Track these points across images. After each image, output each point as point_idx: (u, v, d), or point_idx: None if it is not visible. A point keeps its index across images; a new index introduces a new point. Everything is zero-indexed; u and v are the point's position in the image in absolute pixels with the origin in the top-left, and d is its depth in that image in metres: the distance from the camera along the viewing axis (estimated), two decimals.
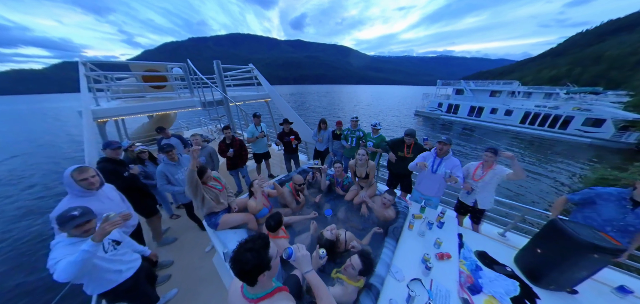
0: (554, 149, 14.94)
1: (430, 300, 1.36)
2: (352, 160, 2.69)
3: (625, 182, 6.52)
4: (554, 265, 1.45)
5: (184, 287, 2.18)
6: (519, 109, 19.21)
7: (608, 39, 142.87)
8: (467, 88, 24.88)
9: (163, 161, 2.46)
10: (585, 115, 15.73)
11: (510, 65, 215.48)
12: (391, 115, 30.14)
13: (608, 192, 1.64)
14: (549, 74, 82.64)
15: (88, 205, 1.31)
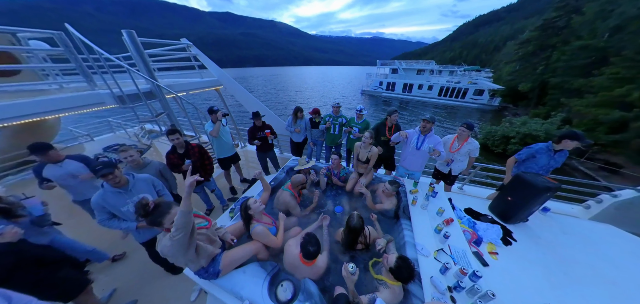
0: (458, 114, 20.09)
1: (455, 263, 1.54)
2: (358, 142, 2.64)
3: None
4: (520, 206, 1.94)
5: None
6: (436, 84, 24.34)
7: (480, 30, 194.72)
8: (400, 67, 29.01)
9: (103, 189, 1.59)
10: (474, 87, 21.72)
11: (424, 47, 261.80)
12: (341, 96, 31.90)
13: (540, 147, 2.24)
14: (449, 55, 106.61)
15: None
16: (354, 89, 38.58)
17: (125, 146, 2.04)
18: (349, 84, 49.53)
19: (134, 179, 1.67)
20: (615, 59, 11.72)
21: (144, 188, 1.70)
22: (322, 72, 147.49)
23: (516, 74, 20.75)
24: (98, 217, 1.61)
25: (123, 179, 1.60)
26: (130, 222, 1.67)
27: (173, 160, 2.35)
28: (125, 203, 1.63)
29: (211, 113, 2.96)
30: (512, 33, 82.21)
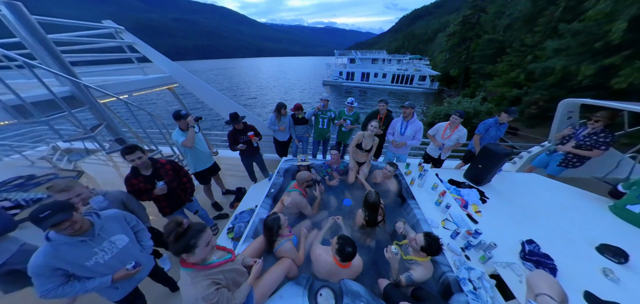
0: (409, 98, 23.12)
1: (459, 227, 1.84)
2: (361, 132, 2.72)
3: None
4: (488, 171, 2.43)
5: None
6: (389, 72, 27.10)
7: (416, 22, 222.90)
8: (357, 57, 30.80)
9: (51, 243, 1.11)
10: (418, 73, 25.24)
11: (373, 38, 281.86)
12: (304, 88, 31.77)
13: (490, 122, 2.97)
14: (394, 46, 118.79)
15: None
16: (315, 80, 38.93)
17: (56, 183, 1.35)
18: (309, 75, 49.47)
19: (101, 219, 1.25)
20: (509, 50, 15.72)
21: (116, 229, 1.31)
22: (278, 64, 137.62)
23: (447, 62, 25.18)
24: (43, 288, 1.09)
25: (85, 223, 1.17)
26: (102, 277, 1.24)
27: (138, 185, 1.82)
28: (92, 254, 1.20)
29: (179, 119, 2.30)
30: (439, 26, 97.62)
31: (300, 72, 60.49)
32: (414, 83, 26.04)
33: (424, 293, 1.33)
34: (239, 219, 2.30)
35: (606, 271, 1.46)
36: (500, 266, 1.49)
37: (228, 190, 3.39)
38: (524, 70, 12.37)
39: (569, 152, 2.68)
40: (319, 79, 37.86)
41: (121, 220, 1.37)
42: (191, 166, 2.65)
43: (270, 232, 1.46)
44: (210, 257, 1.07)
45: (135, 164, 1.77)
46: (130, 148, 1.73)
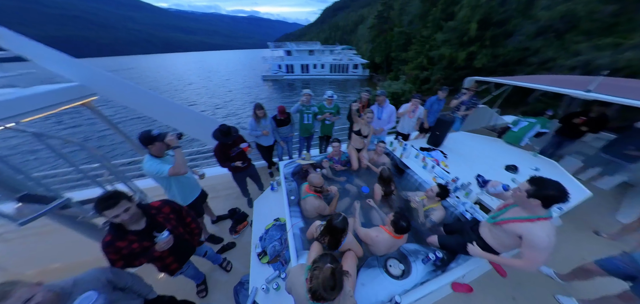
0: (347, 85, 25.62)
1: (445, 179, 2.46)
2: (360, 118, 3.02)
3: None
4: (443, 135, 3.19)
5: None
6: (327, 63, 28.74)
7: (338, 14, 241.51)
8: (293, 49, 30.71)
9: None
10: (352, 63, 28.16)
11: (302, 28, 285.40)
12: (243, 86, 28.92)
13: (433, 98, 3.61)
14: (323, 36, 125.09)
15: None
16: (253, 76, 35.98)
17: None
18: (243, 72, 44.69)
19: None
20: (414, 40, 20.14)
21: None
22: (198, 60, 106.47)
23: (372, 51, 29.33)
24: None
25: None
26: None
27: (128, 248, 1.33)
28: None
29: (151, 143, 1.78)
30: (358, 19, 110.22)
31: (232, 68, 52.86)
32: (349, 72, 28.98)
33: (451, 227, 1.90)
34: (268, 240, 2.09)
35: (513, 180, 2.52)
36: (480, 194, 2.30)
37: (219, 216, 2.95)
38: (426, 56, 16.32)
39: (463, 115, 4.06)
40: (256, 74, 35.40)
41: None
42: (179, 199, 2.11)
43: (342, 233, 1.47)
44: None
45: (120, 220, 1.24)
46: (110, 199, 1.20)
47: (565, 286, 2.06)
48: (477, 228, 1.61)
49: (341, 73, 29.04)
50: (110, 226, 1.30)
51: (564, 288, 2.06)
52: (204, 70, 51.04)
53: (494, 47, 10.85)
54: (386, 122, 3.55)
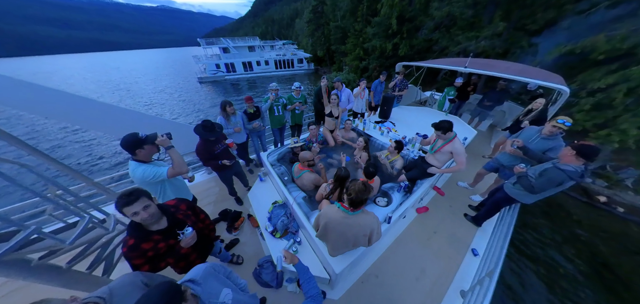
0: (295, 79, 25.89)
1: (401, 139, 3.44)
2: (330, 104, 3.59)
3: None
4: (389, 110, 4.45)
5: None
6: (271, 59, 27.90)
7: (270, 7, 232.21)
8: (231, 46, 28.09)
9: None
10: (296, 57, 28.44)
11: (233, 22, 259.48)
12: (171, 97, 24.28)
13: (376, 82, 5.29)
14: (259, 31, 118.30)
15: None
16: (184, 80, 30.40)
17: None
18: (170, 75, 36.74)
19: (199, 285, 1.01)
20: (349, 34, 22.32)
21: (216, 286, 1.09)
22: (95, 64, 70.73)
23: (313, 45, 30.45)
24: None
25: None
26: None
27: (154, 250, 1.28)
28: None
29: (139, 147, 1.66)
30: (292, 13, 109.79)
31: (152, 74, 40.05)
32: (295, 67, 29.27)
33: (409, 166, 2.78)
34: (274, 218, 2.35)
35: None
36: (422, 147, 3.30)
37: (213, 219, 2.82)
38: (362, 48, 18.55)
39: (398, 94, 5.34)
40: (189, 77, 30.55)
41: (213, 271, 1.14)
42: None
43: (347, 179, 1.98)
44: None
45: (139, 219, 1.20)
46: (130, 195, 1.17)
47: (473, 190, 3.33)
48: (425, 160, 2.49)
49: (287, 68, 28.97)
50: (131, 228, 1.26)
51: (472, 191, 3.34)
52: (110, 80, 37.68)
53: (410, 39, 13.68)
54: (346, 103, 4.27)
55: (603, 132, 6.56)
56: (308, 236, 2.09)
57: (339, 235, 1.48)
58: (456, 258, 2.31)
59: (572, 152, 1.76)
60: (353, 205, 1.33)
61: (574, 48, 7.38)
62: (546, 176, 1.85)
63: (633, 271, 3.83)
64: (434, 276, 2.14)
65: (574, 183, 1.77)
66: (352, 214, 1.36)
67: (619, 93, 6.39)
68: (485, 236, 2.51)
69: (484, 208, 2.58)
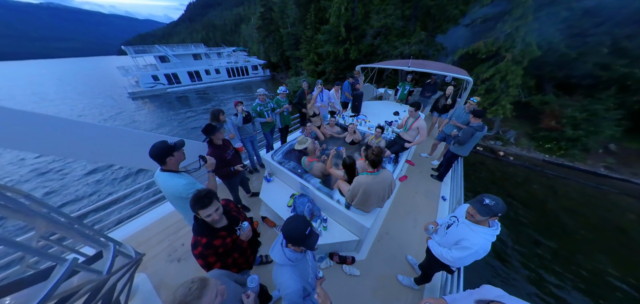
0: (253, 87, 25.06)
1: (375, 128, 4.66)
2: (309, 104, 4.21)
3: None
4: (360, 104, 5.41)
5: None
6: (222, 67, 26.04)
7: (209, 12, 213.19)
8: (170, 54, 24.79)
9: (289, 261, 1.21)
10: (250, 64, 27.52)
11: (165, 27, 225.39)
12: (96, 118, 19.61)
13: (346, 82, 6.14)
14: (199, 37, 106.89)
15: None
16: (108, 97, 24.79)
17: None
18: (84, 92, 28.86)
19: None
20: (302, 40, 23.33)
21: None
22: None
23: (266, 51, 30.12)
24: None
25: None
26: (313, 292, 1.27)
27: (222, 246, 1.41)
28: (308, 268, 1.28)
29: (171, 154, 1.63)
30: (235, 18, 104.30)
31: (54, 91, 30.42)
32: (250, 74, 28.27)
33: (390, 144, 3.64)
34: (299, 207, 2.52)
35: (398, 117, 4.84)
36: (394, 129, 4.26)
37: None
38: (316, 53, 19.79)
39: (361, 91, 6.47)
40: (114, 93, 25.13)
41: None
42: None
43: (355, 164, 2.35)
44: None
45: (211, 219, 1.30)
46: (205, 198, 1.26)
47: (431, 157, 4.52)
48: (401, 137, 3.39)
49: (242, 76, 27.69)
50: (201, 228, 1.35)
51: (431, 158, 4.52)
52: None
53: (357, 45, 15.63)
54: (327, 102, 4.94)
55: (493, 108, 9.49)
56: (332, 211, 2.42)
57: (374, 193, 1.93)
58: (433, 205, 3.28)
59: (472, 116, 2.95)
60: (374, 166, 1.87)
61: (468, 50, 10.33)
62: (464, 131, 3.00)
63: (513, 187, 6.12)
64: (423, 221, 2.98)
65: (480, 133, 2.96)
66: (377, 173, 1.89)
67: (497, 81, 9.41)
68: (448, 186, 3.63)
69: (442, 168, 3.71)
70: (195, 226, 1.38)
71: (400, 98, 6.76)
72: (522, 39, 9.06)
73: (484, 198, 1.28)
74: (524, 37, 9.05)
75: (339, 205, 2.36)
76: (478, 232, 1.34)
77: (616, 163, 8.42)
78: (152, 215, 3.01)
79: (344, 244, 2.33)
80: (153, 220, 2.93)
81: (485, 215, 1.27)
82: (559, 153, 9.05)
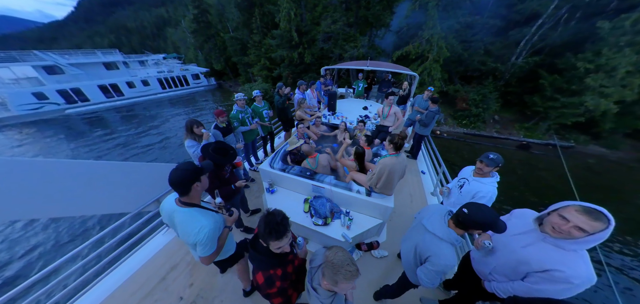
0: (197, 97, 22.00)
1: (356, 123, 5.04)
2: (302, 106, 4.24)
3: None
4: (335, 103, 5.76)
5: None
6: (151, 77, 21.56)
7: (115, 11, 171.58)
8: (64, 63, 18.63)
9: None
10: (190, 73, 24.00)
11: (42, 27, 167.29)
12: None
13: (318, 82, 6.43)
14: (106, 41, 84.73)
15: None
16: None
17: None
18: None
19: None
20: (249, 45, 22.23)
21: None
22: None
23: (207, 57, 26.99)
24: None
25: None
26: None
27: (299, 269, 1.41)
28: None
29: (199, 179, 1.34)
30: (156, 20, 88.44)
31: None
32: (191, 84, 24.59)
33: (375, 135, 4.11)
34: (319, 209, 2.45)
35: (368, 111, 5.49)
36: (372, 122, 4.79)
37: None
38: (268, 58, 19.31)
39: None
40: None
41: None
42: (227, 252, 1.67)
43: (364, 153, 2.59)
44: None
45: (282, 250, 1.10)
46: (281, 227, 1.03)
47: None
48: (383, 125, 3.90)
49: (180, 87, 23.72)
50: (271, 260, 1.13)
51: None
52: None
53: (310, 49, 16.26)
54: (314, 101, 5.14)
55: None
56: (353, 203, 2.47)
57: (396, 173, 2.13)
58: (417, 178, 3.93)
59: (431, 102, 3.81)
60: (397, 149, 2.09)
61: (402, 52, 12.56)
62: (427, 114, 3.85)
63: (451, 155, 7.86)
64: (415, 195, 3.54)
65: (438, 116, 3.83)
66: (397, 155, 2.12)
67: (425, 76, 11.85)
68: (422, 162, 4.43)
69: (414, 148, 4.47)
70: (260, 260, 1.13)
71: (357, 95, 7.56)
72: (436, 43, 11.76)
73: (489, 154, 1.72)
74: (437, 42, 11.78)
75: (360, 195, 2.44)
76: (487, 183, 1.67)
77: (501, 128, 12.16)
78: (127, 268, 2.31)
79: (369, 231, 2.43)
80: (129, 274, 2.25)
81: (492, 166, 1.69)
82: (471, 126, 12.29)
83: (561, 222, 0.99)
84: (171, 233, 2.66)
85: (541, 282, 1.07)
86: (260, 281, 1.09)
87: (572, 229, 0.96)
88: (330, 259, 0.88)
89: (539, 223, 1.13)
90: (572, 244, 0.99)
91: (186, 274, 2.24)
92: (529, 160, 9.95)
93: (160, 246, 2.49)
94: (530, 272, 1.10)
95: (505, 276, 1.25)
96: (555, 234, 1.02)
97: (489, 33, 12.96)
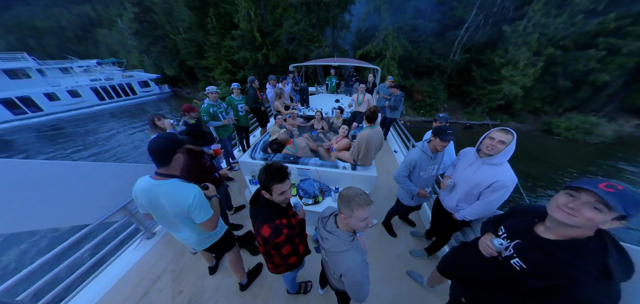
0: (147, 107, 19.22)
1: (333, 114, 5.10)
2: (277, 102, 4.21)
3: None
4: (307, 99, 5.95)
5: None
6: (82, 87, 17.82)
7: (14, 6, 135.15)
8: None
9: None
10: (136, 80, 20.77)
11: None
12: None
13: (297, 78, 6.45)
14: (2, 44, 66.11)
15: None
16: None
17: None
18: None
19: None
20: (206, 47, 20.53)
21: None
22: None
23: (156, 61, 23.83)
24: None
25: None
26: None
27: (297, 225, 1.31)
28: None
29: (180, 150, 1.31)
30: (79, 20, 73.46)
31: None
32: (139, 93, 21.23)
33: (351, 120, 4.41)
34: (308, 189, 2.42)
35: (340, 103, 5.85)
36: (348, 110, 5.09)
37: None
38: (230, 61, 18.23)
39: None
40: None
41: None
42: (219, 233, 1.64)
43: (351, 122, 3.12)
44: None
45: (285, 197, 1.14)
46: (282, 170, 1.08)
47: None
48: (358, 111, 4.24)
49: (125, 97, 20.26)
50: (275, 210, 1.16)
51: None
52: None
53: (274, 49, 16.05)
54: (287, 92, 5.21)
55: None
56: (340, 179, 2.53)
57: (373, 143, 2.28)
58: (392, 158, 4.40)
59: (393, 88, 4.33)
60: (371, 121, 2.29)
61: (363, 51, 13.60)
62: (395, 98, 4.34)
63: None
64: (391, 170, 3.91)
65: (402, 98, 4.37)
66: (373, 127, 2.32)
67: (385, 72, 13.07)
68: (393, 142, 4.91)
69: (384, 130, 4.96)
70: (264, 214, 1.15)
71: (330, 91, 7.93)
72: (391, 43, 13.13)
73: (439, 114, 2.15)
74: (392, 42, 13.16)
75: (345, 170, 2.52)
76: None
77: (449, 114, 14.29)
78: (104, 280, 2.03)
79: None
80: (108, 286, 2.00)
81: (443, 122, 2.15)
82: (427, 115, 14.11)
83: (491, 142, 1.34)
84: (145, 244, 2.38)
85: (489, 195, 1.39)
86: (266, 234, 1.11)
87: (497, 144, 1.31)
88: (344, 193, 0.97)
89: (477, 151, 1.48)
90: (498, 158, 1.32)
91: (172, 284, 2.06)
92: (472, 137, 12.02)
93: (133, 261, 2.21)
94: (482, 191, 1.44)
95: (466, 202, 1.57)
96: (489, 151, 1.36)
97: (431, 34, 15.19)
